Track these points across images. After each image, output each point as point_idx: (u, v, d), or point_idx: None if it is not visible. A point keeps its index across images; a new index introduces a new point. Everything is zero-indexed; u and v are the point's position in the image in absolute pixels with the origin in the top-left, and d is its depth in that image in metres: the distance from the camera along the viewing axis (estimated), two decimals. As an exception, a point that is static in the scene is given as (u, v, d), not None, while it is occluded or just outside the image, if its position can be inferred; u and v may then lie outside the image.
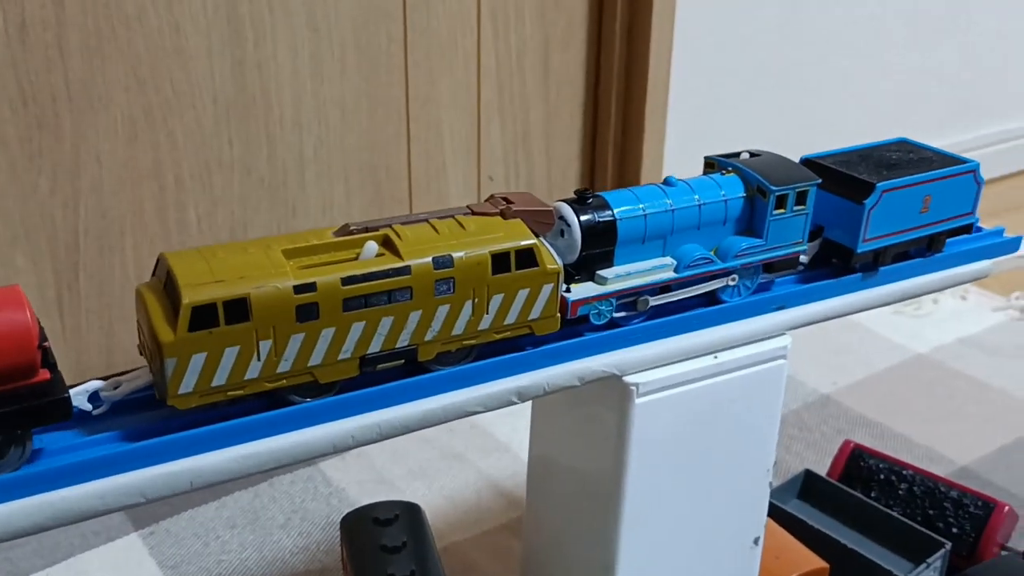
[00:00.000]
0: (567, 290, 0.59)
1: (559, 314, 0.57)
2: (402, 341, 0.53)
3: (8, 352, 0.44)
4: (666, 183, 0.63)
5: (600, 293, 0.59)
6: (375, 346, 0.52)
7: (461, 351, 0.56)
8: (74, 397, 0.48)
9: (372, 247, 0.52)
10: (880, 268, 0.69)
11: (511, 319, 0.55)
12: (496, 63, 1.21)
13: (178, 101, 1.01)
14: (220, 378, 0.48)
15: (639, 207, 0.60)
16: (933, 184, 0.69)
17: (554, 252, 0.57)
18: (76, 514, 0.47)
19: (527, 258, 0.55)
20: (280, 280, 0.49)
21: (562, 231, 0.59)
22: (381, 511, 0.74)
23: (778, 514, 0.81)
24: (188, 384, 0.48)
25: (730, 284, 0.64)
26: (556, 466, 0.72)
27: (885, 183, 0.66)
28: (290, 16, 1.05)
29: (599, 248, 0.60)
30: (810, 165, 0.69)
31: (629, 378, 0.60)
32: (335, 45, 1.09)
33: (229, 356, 0.48)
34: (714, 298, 0.64)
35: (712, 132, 1.42)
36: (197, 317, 0.47)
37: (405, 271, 0.52)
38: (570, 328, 0.59)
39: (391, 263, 0.51)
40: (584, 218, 0.59)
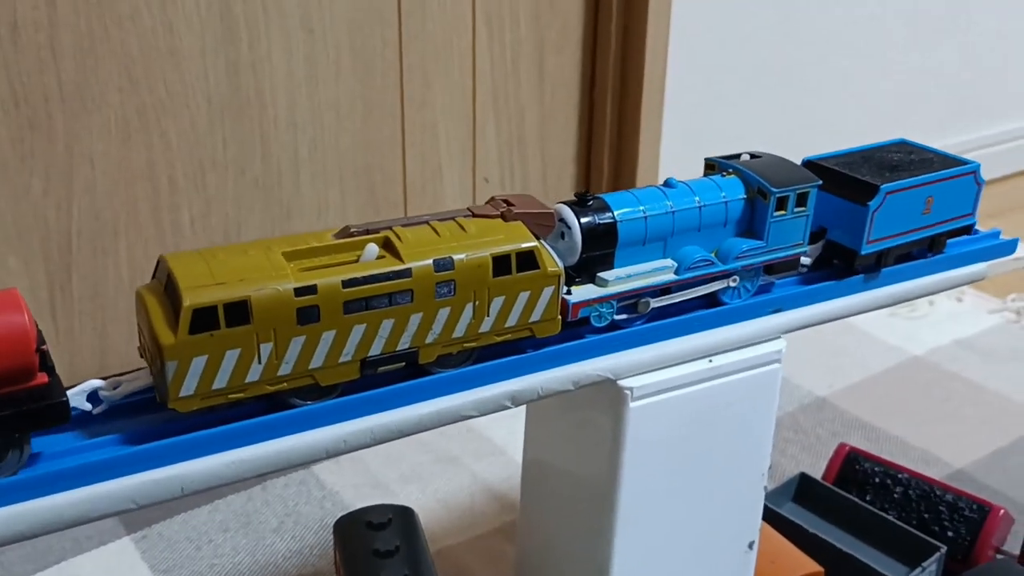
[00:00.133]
0: (568, 292, 0.58)
1: (560, 316, 0.57)
2: (403, 344, 0.53)
3: (6, 355, 0.43)
4: (666, 185, 0.63)
5: (601, 295, 0.59)
6: (376, 349, 0.52)
7: (462, 354, 0.56)
8: (73, 397, 0.48)
9: (373, 249, 0.52)
10: (882, 270, 0.69)
11: (512, 322, 0.55)
12: (491, 65, 1.21)
13: (172, 102, 1.01)
14: (221, 381, 0.48)
15: (639, 209, 0.60)
16: (935, 185, 0.69)
17: (555, 254, 0.57)
18: (72, 519, 0.46)
19: (528, 260, 0.55)
20: (281, 282, 0.49)
21: (563, 233, 0.59)
22: (374, 515, 0.73)
23: (773, 518, 0.81)
24: (189, 387, 0.47)
25: (731, 286, 0.64)
26: (550, 470, 0.72)
27: (889, 185, 0.66)
28: (285, 17, 1.04)
29: (600, 250, 0.59)
30: (812, 167, 0.69)
31: (624, 382, 0.60)
32: (330, 47, 1.08)
33: (230, 359, 0.48)
34: (715, 300, 0.64)
35: (709, 134, 1.42)
36: (198, 320, 0.47)
37: (406, 274, 0.51)
38: (571, 330, 0.59)
39: (392, 265, 0.51)
40: (584, 220, 0.59)
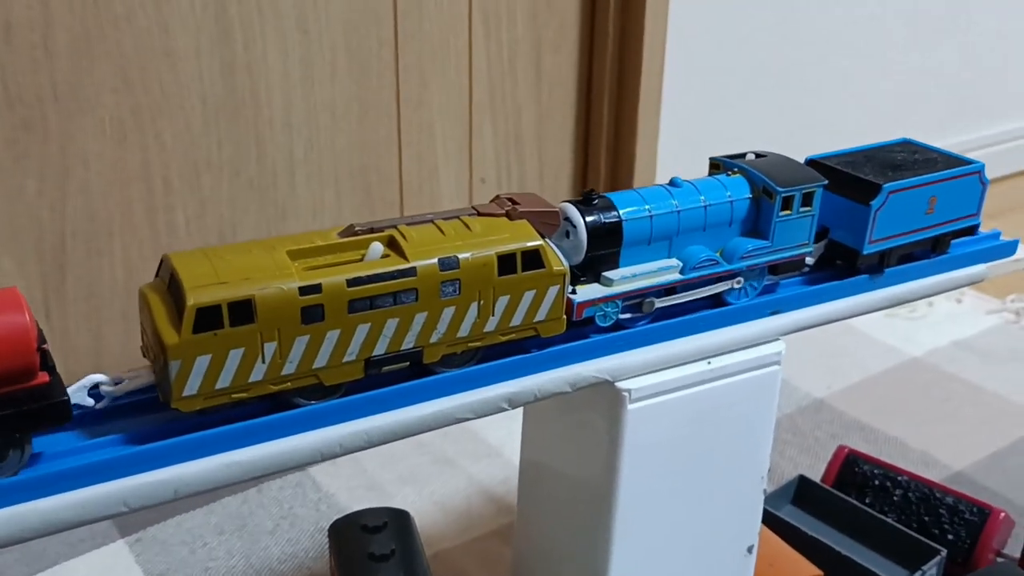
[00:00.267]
0: (573, 292, 0.58)
1: (565, 316, 0.57)
2: (407, 343, 0.52)
3: (7, 355, 0.43)
4: (672, 184, 0.63)
5: (606, 295, 0.59)
6: (380, 348, 0.52)
7: (466, 353, 0.55)
8: (74, 392, 0.47)
9: (377, 248, 0.52)
10: (885, 270, 0.69)
11: (517, 321, 0.55)
12: (488, 65, 1.21)
13: (167, 102, 1.00)
14: (224, 380, 0.48)
15: (645, 208, 0.60)
16: (939, 185, 0.69)
17: (560, 253, 0.56)
18: (74, 520, 0.46)
19: (533, 259, 0.54)
20: (285, 281, 0.48)
21: (568, 232, 0.58)
22: (370, 518, 0.73)
23: (772, 520, 0.80)
24: (192, 387, 0.47)
25: (735, 286, 0.63)
26: (548, 472, 0.72)
27: (891, 184, 0.66)
28: (280, 18, 1.04)
29: (605, 249, 0.59)
30: (815, 166, 0.69)
31: (622, 384, 0.60)
32: (325, 47, 1.08)
33: (234, 358, 0.48)
34: (719, 299, 0.64)
35: (706, 134, 1.41)
36: (202, 319, 0.46)
37: (411, 272, 0.51)
38: (576, 330, 0.59)
39: (396, 264, 0.51)
40: (590, 219, 0.58)
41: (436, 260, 0.52)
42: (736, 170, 0.64)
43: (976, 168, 0.71)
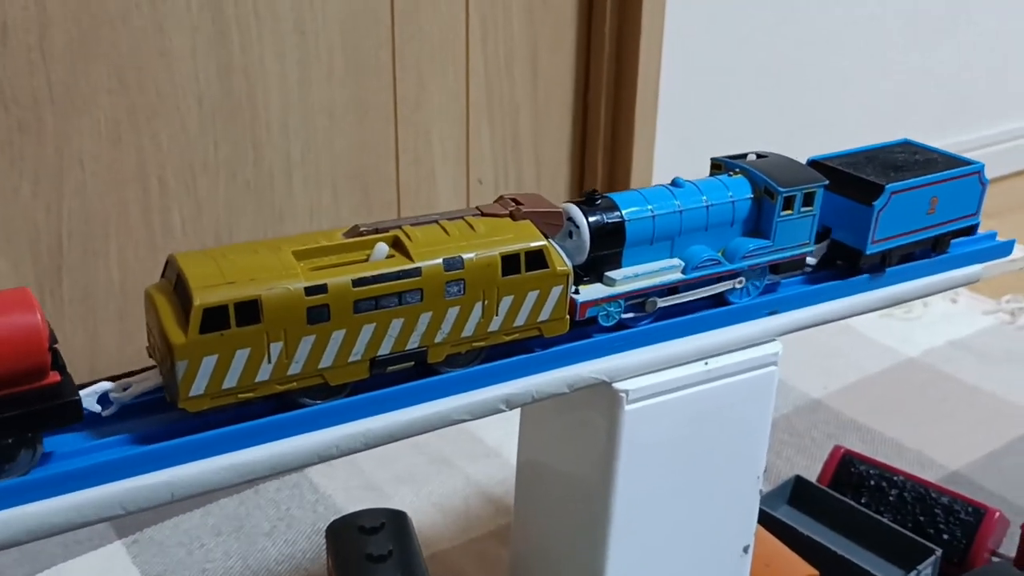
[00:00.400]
0: (576, 291, 0.58)
1: (568, 316, 0.57)
2: (412, 343, 0.52)
3: (19, 355, 0.43)
4: (674, 184, 0.63)
5: (609, 295, 0.59)
6: (385, 348, 0.52)
7: (470, 353, 0.55)
8: (83, 399, 0.47)
9: (382, 248, 0.52)
10: (887, 269, 0.69)
11: (520, 321, 0.55)
12: (485, 65, 1.21)
13: (162, 104, 1.00)
14: (231, 380, 0.48)
15: (647, 208, 0.60)
16: (940, 186, 0.69)
17: (563, 253, 0.56)
18: (85, 519, 0.46)
19: (537, 260, 0.55)
20: (291, 282, 0.48)
21: (571, 232, 0.59)
22: (367, 519, 0.73)
23: (768, 521, 0.81)
24: (199, 387, 0.47)
25: (737, 286, 0.64)
26: (545, 472, 0.72)
27: (894, 184, 0.66)
28: (277, 19, 1.04)
29: (608, 249, 0.59)
30: (816, 166, 0.69)
31: (619, 385, 0.60)
32: (322, 49, 1.08)
33: (240, 358, 0.48)
34: (721, 299, 0.64)
35: (703, 134, 1.42)
36: (208, 319, 0.46)
37: (415, 273, 0.51)
38: (579, 330, 0.59)
39: (401, 265, 0.51)
40: (593, 219, 0.59)
41: (441, 260, 0.52)
42: (738, 170, 0.65)
43: (976, 168, 0.72)
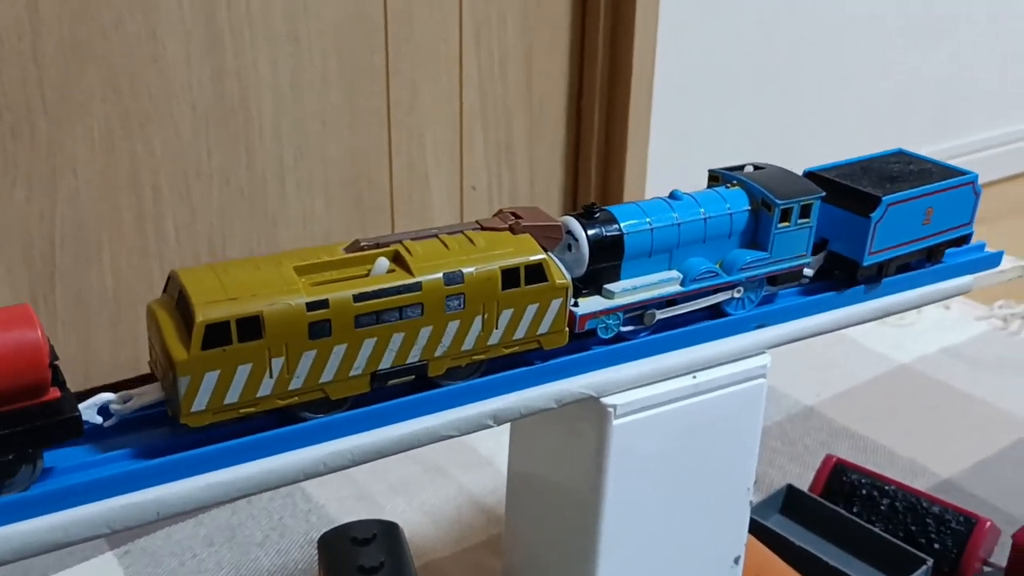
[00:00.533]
0: (575, 304, 0.59)
1: (567, 328, 0.57)
2: (413, 357, 0.53)
3: (19, 371, 0.44)
4: (672, 197, 0.63)
5: (607, 307, 0.59)
6: (386, 362, 0.52)
7: (471, 366, 0.56)
8: (84, 410, 0.47)
9: (383, 263, 0.52)
10: (883, 280, 0.70)
11: (520, 334, 0.56)
12: (479, 71, 1.21)
13: (156, 110, 1.00)
14: (233, 396, 0.48)
15: (646, 221, 0.61)
16: (934, 196, 0.70)
17: (562, 267, 0.57)
18: (85, 534, 0.46)
19: (536, 273, 0.55)
20: (292, 297, 0.49)
21: (569, 245, 0.59)
22: (359, 530, 0.73)
23: (760, 530, 0.81)
24: (201, 402, 0.48)
25: (735, 297, 0.64)
26: (535, 483, 0.72)
27: (890, 196, 0.67)
28: (270, 25, 1.04)
29: (606, 262, 0.60)
30: (812, 178, 0.69)
31: (607, 399, 0.60)
32: (316, 54, 1.08)
33: (242, 373, 0.48)
34: (719, 311, 0.64)
35: (697, 139, 1.42)
36: (210, 335, 0.47)
37: (416, 287, 0.52)
38: (578, 342, 0.60)
39: (402, 279, 0.52)
40: (591, 232, 0.59)
41: (441, 275, 0.52)
42: (735, 182, 0.65)
43: (970, 179, 0.72)
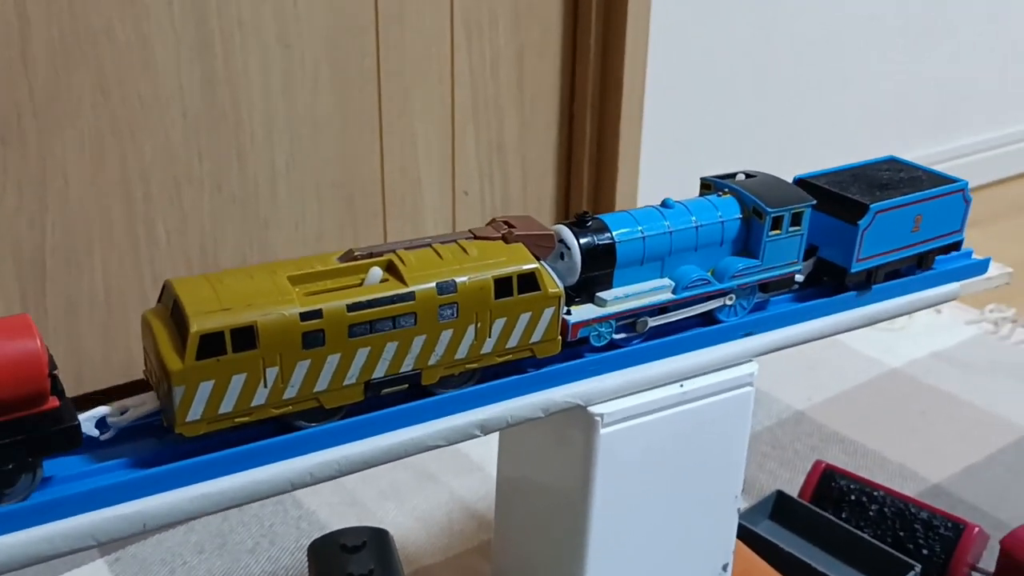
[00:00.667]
0: (567, 312, 0.59)
1: (560, 336, 0.58)
2: (406, 366, 0.53)
3: (19, 381, 0.44)
4: (664, 205, 0.64)
5: (600, 315, 0.60)
6: (380, 371, 0.53)
7: (464, 374, 0.56)
8: (81, 423, 0.48)
9: (376, 273, 0.53)
10: (873, 286, 0.70)
11: (513, 343, 0.56)
12: (470, 73, 1.20)
13: (146, 116, 1.00)
14: (227, 405, 0.49)
15: (638, 229, 0.61)
16: (924, 204, 0.70)
17: (555, 275, 0.57)
18: (85, 543, 0.47)
19: (529, 282, 0.55)
20: (286, 307, 0.49)
21: (562, 254, 0.59)
22: (348, 537, 0.73)
23: (749, 536, 0.81)
24: (196, 412, 0.48)
25: (727, 304, 0.64)
26: (524, 490, 0.72)
27: (878, 204, 0.67)
28: (260, 30, 1.04)
29: (599, 270, 0.60)
30: (803, 185, 0.70)
31: (594, 408, 0.60)
32: (307, 58, 1.07)
33: (236, 383, 0.48)
34: (711, 318, 0.65)
35: (688, 140, 1.42)
36: (205, 345, 0.47)
37: (409, 297, 0.52)
38: (571, 350, 0.60)
39: (395, 289, 0.52)
40: (584, 241, 0.59)
41: (434, 284, 0.53)
42: (726, 191, 0.65)
43: (960, 186, 0.73)
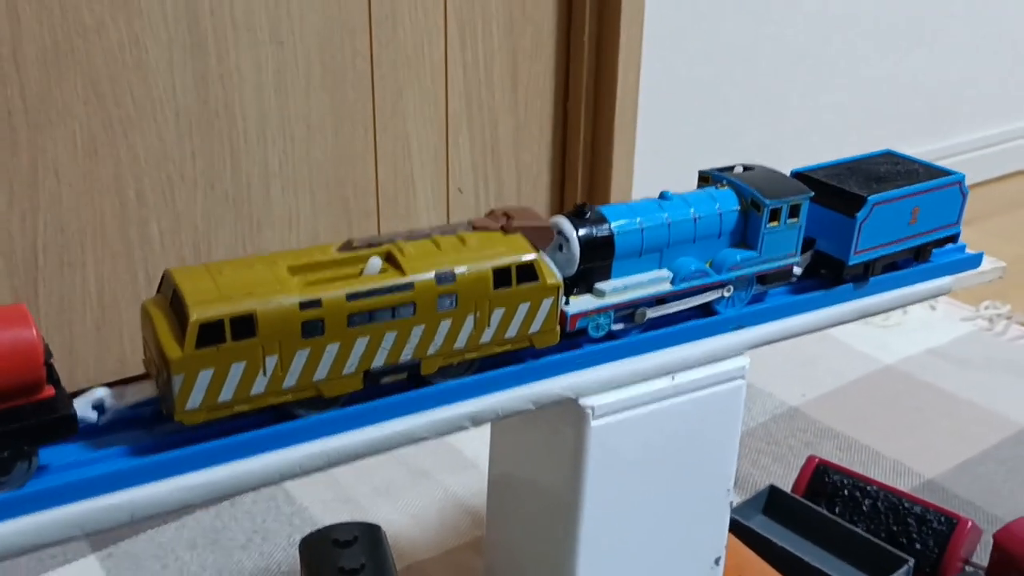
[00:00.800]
0: (566, 303, 0.59)
1: (559, 327, 0.58)
2: (405, 355, 0.53)
3: (15, 369, 0.44)
4: (662, 197, 0.64)
5: (598, 306, 0.60)
6: (379, 360, 0.53)
7: (463, 364, 0.56)
8: (78, 406, 0.48)
9: (376, 263, 0.53)
10: (870, 279, 0.70)
11: (512, 333, 0.56)
12: (464, 74, 1.21)
13: (139, 115, 1.00)
14: (226, 394, 0.49)
15: (636, 221, 0.61)
16: (921, 196, 0.70)
17: (554, 266, 0.57)
18: (82, 531, 0.47)
19: (528, 273, 0.55)
20: (286, 296, 0.49)
21: (561, 245, 0.59)
22: (340, 533, 0.73)
23: (741, 531, 0.81)
24: (195, 400, 0.48)
25: (725, 296, 0.64)
26: (515, 485, 0.72)
27: (876, 196, 0.67)
28: (253, 29, 1.04)
29: (597, 262, 0.60)
30: (800, 178, 0.70)
31: (585, 401, 0.60)
32: (300, 58, 1.08)
33: (235, 372, 0.48)
34: (709, 309, 0.65)
35: (683, 140, 1.42)
36: (204, 334, 0.47)
37: (408, 287, 0.52)
38: (569, 340, 0.60)
39: (395, 279, 0.52)
40: (582, 232, 0.59)
41: (433, 274, 0.53)
42: (725, 183, 0.66)
43: (957, 179, 0.73)
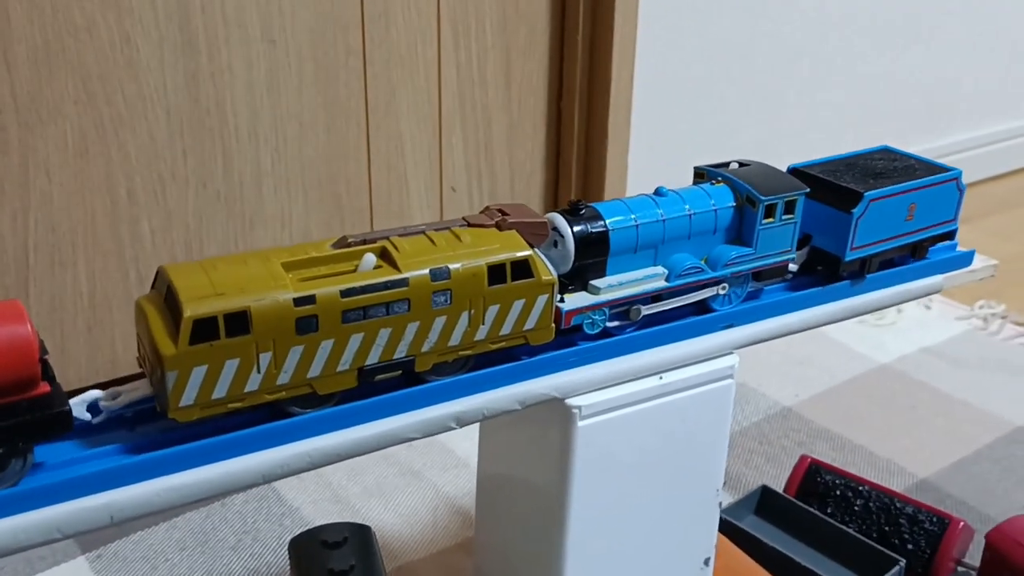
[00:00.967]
0: (561, 300, 0.59)
1: (553, 324, 0.58)
2: (400, 352, 0.53)
3: (10, 366, 0.44)
4: (657, 193, 0.63)
5: (593, 303, 0.60)
6: (373, 357, 0.52)
7: (457, 361, 0.56)
8: (73, 407, 0.47)
9: (370, 259, 0.52)
10: (867, 276, 0.70)
11: (507, 330, 0.56)
12: (457, 72, 1.20)
13: (130, 114, 0.99)
14: (220, 391, 0.48)
15: (631, 217, 0.61)
16: (918, 192, 0.70)
17: (548, 263, 0.57)
18: (74, 529, 0.47)
19: (523, 269, 0.55)
20: (280, 293, 0.49)
21: (555, 242, 0.59)
22: (330, 533, 0.73)
23: (733, 531, 0.80)
24: (189, 397, 0.48)
25: (720, 292, 0.64)
26: (504, 485, 0.72)
27: (872, 192, 0.67)
28: (245, 28, 1.03)
29: (592, 258, 0.60)
30: (797, 174, 0.70)
31: (571, 400, 0.60)
32: (292, 56, 1.07)
33: (229, 369, 0.48)
34: (704, 306, 0.65)
35: (677, 138, 1.42)
36: (198, 330, 0.47)
37: (403, 283, 0.52)
38: (564, 338, 0.60)
39: (389, 275, 0.52)
40: (577, 229, 0.59)
41: (428, 271, 0.53)
42: (720, 179, 0.65)
43: (953, 175, 0.73)
